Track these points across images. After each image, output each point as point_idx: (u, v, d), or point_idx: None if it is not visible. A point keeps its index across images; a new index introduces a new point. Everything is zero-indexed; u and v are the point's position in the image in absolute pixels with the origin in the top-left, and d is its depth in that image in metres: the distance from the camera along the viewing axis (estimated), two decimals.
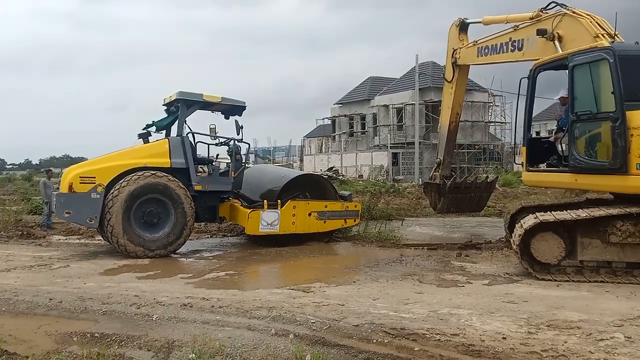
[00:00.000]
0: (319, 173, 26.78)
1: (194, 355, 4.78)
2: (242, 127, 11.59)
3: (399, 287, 7.64)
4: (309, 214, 11.64)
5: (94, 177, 10.34)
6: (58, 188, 11.16)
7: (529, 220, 8.16)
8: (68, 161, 77.81)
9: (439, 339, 5.21)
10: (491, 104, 44.70)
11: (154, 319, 6.05)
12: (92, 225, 10.51)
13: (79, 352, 4.96)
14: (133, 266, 9.55)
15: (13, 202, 21.16)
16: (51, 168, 18.57)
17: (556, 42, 9.58)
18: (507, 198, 21.72)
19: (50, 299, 6.92)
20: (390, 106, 45.25)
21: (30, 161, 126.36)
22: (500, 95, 44.95)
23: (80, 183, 10.29)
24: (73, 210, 10.24)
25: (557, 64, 9.05)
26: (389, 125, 45.21)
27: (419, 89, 38.22)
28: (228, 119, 12.08)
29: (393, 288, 7.54)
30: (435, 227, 15.08)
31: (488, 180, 14.83)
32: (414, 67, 38.03)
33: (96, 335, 5.50)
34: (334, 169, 42.22)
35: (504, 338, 5.22)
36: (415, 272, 8.67)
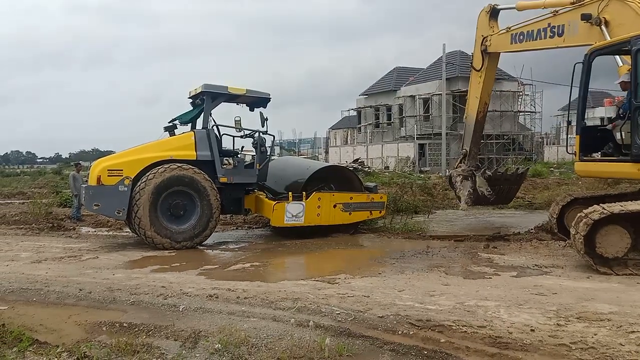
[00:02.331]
0: (344, 165, 26.72)
1: (219, 345, 4.81)
2: (267, 119, 11.62)
3: (424, 278, 7.56)
4: (334, 206, 11.61)
5: (122, 170, 10.47)
6: (87, 181, 11.35)
7: (595, 212, 7.60)
8: (97, 155, 79.11)
9: (465, 331, 5.14)
10: (521, 93, 43.93)
11: (180, 309, 6.11)
12: (120, 217, 10.66)
13: (108, 341, 5.03)
14: (160, 257, 9.66)
15: (44, 195, 21.63)
16: (80, 162, 18.87)
17: (603, 27, 9.23)
18: (536, 189, 21.35)
19: (80, 290, 7.03)
20: (417, 97, 44.82)
21: (60, 155, 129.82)
22: (530, 84, 44.24)
23: (108, 176, 10.42)
24: (101, 202, 10.40)
25: (616, 48, 8.69)
26: (416, 116, 44.81)
27: (446, 79, 37.76)
28: (253, 111, 12.12)
29: (419, 280, 7.47)
30: (462, 219, 14.92)
31: (518, 172, 14.57)
32: (441, 56, 37.62)
33: (125, 325, 5.57)
34: (359, 160, 42.07)
35: (532, 330, 5.12)
36: (442, 264, 8.58)
